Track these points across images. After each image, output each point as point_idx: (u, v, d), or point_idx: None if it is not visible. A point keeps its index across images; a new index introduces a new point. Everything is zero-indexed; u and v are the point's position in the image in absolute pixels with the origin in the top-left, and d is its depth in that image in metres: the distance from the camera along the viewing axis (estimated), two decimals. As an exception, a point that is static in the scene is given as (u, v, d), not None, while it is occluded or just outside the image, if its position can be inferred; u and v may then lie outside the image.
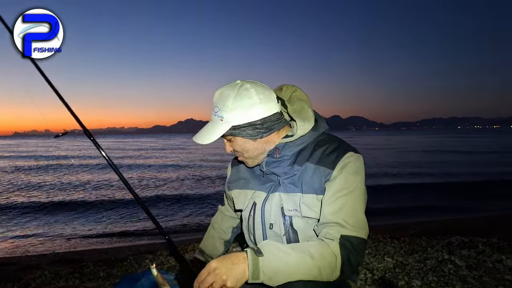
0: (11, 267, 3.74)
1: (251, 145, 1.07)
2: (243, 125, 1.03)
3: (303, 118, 1.06)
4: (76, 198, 8.94)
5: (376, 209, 6.82)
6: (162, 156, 25.83)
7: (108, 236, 5.58)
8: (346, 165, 1.00)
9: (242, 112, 1.01)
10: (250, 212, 1.15)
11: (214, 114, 1.05)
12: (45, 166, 17.77)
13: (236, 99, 1.01)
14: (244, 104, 1.01)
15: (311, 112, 1.08)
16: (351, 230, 0.96)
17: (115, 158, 24.71)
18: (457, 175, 11.76)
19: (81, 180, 12.56)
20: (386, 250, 3.62)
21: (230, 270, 0.84)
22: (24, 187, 11.22)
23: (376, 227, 5.06)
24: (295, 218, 1.04)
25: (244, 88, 1.02)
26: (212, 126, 1.06)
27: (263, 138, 1.06)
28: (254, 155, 1.09)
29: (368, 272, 2.97)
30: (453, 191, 8.94)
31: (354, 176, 1.00)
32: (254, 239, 1.17)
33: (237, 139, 1.06)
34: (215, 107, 1.05)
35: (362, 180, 1.03)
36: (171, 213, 7.27)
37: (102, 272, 3.31)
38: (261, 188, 1.14)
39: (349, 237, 0.95)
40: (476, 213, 6.52)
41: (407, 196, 8.59)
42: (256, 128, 1.03)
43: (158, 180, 12.62)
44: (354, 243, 0.95)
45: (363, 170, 1.04)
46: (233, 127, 1.03)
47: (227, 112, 1.02)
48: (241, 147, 1.08)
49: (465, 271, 2.95)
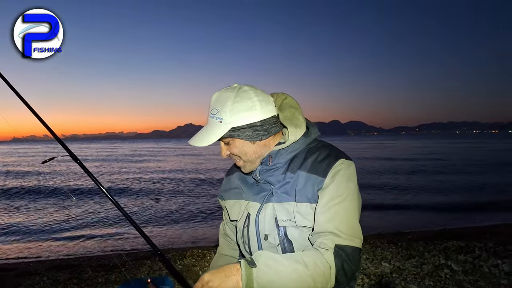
0: (9, 273, 3.73)
1: (250, 148, 1.05)
2: (243, 127, 1.01)
3: (295, 125, 1.06)
4: (73, 205, 8.92)
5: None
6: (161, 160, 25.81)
7: (105, 242, 5.56)
8: (338, 172, 0.99)
9: (242, 113, 1.00)
10: (244, 223, 1.14)
11: (212, 117, 1.04)
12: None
13: (236, 101, 1.00)
14: (244, 106, 1.00)
15: (302, 119, 1.08)
16: (345, 239, 0.96)
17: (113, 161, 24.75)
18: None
19: (77, 185, 12.53)
20: (383, 255, 3.64)
21: (224, 282, 0.85)
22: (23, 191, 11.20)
23: (374, 233, 5.09)
24: (290, 228, 1.03)
25: (243, 90, 1.02)
26: (210, 128, 1.04)
27: (262, 141, 1.05)
28: (252, 159, 1.07)
29: (365, 277, 3.00)
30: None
31: (346, 183, 0.99)
32: (249, 250, 1.15)
33: (236, 141, 1.04)
34: (213, 109, 1.04)
35: (355, 187, 1.02)
36: (165, 222, 7.18)
37: (101, 278, 3.31)
38: (254, 198, 1.13)
39: (343, 246, 0.95)
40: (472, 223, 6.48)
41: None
42: (255, 130, 1.02)
43: (153, 186, 12.62)
44: (348, 252, 0.95)
45: (355, 176, 1.03)
46: (232, 128, 1.01)
47: (226, 114, 1.00)
48: (240, 150, 1.06)
49: (461, 276, 2.98)
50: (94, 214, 7.78)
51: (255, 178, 1.13)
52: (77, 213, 7.84)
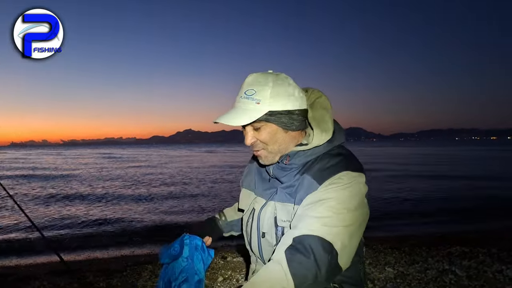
0: (8, 278, 3.69)
1: (282, 136, 1.00)
2: (282, 112, 0.96)
3: (322, 129, 1.00)
4: (72, 206, 8.88)
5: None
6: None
7: (106, 246, 5.53)
8: (336, 182, 0.92)
9: (282, 98, 0.95)
10: (249, 218, 1.14)
11: (247, 97, 0.96)
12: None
13: (277, 83, 0.95)
14: (285, 91, 0.95)
15: (330, 124, 1.01)
16: (302, 228, 0.88)
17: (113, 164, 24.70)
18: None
19: (73, 187, 12.50)
20: (386, 260, 3.62)
21: None
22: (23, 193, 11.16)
23: (376, 237, 5.06)
24: (287, 229, 1.00)
25: (281, 77, 0.97)
26: (246, 108, 0.96)
27: (294, 132, 1.00)
28: (278, 149, 1.02)
29: (369, 283, 2.97)
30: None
31: (342, 195, 0.91)
32: (250, 246, 1.15)
33: (269, 126, 0.98)
34: (249, 89, 0.96)
35: (355, 202, 0.91)
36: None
37: (102, 283, 3.28)
38: (262, 193, 1.12)
39: (301, 236, 0.87)
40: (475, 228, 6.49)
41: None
42: (291, 118, 0.97)
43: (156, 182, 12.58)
44: (306, 241, 0.85)
45: (359, 191, 0.93)
46: (270, 112, 0.95)
47: (266, 95, 0.94)
48: (271, 137, 0.99)
49: (465, 281, 2.95)
50: (93, 216, 7.74)
51: (268, 172, 1.11)
52: (76, 216, 7.80)
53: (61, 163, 30.62)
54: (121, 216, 7.86)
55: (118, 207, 9.05)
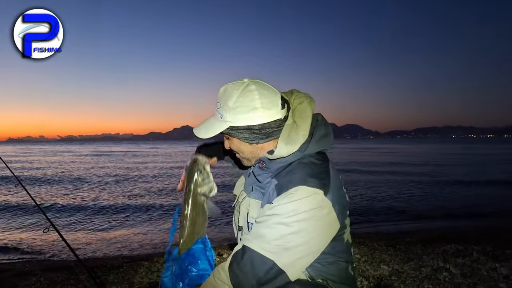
0: (5, 274, 3.69)
1: (247, 148, 1.05)
2: (241, 128, 1.00)
3: (288, 140, 0.98)
4: (70, 203, 8.86)
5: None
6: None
7: (102, 243, 5.52)
8: (288, 196, 0.92)
9: (242, 114, 0.98)
10: (234, 210, 1.21)
11: (216, 110, 1.04)
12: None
13: (238, 99, 0.98)
14: (245, 107, 0.97)
15: (302, 135, 0.99)
16: (247, 240, 0.95)
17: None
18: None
19: (71, 185, 12.46)
20: (381, 257, 3.64)
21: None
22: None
23: (371, 235, 5.09)
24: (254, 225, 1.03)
25: (249, 89, 0.98)
26: (212, 122, 1.05)
27: (259, 144, 1.03)
28: (249, 157, 1.08)
29: (364, 280, 2.99)
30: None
31: (292, 210, 0.91)
32: (235, 237, 1.21)
33: (233, 139, 1.06)
34: (217, 102, 1.03)
35: (302, 219, 0.90)
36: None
37: (98, 279, 3.28)
38: (245, 188, 1.18)
39: (245, 248, 0.94)
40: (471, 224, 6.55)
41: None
42: (253, 133, 1.00)
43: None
44: (248, 253, 0.92)
45: (311, 207, 0.90)
46: (231, 127, 1.01)
47: (227, 112, 1.00)
48: (237, 148, 1.07)
49: (460, 279, 2.98)
50: (92, 213, 7.73)
51: (251, 170, 1.16)
52: (74, 213, 7.79)
53: (57, 160, 30.47)
54: (117, 212, 7.86)
55: (113, 201, 9.04)
